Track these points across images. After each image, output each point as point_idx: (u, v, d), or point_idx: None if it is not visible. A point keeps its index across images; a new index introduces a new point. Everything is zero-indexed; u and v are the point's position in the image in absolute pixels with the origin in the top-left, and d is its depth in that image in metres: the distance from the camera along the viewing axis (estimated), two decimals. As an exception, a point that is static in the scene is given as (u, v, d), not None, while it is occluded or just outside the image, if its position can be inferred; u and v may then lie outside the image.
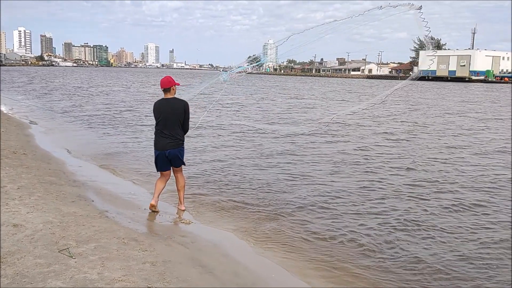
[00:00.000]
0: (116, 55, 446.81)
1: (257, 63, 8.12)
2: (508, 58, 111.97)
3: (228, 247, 5.45)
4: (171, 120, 6.11)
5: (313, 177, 9.11)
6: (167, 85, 6.16)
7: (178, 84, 6.35)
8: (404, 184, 8.73)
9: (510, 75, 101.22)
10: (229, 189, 8.08)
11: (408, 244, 5.80)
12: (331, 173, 9.57)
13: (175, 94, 6.28)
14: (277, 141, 13.50)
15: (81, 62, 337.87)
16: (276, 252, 5.45)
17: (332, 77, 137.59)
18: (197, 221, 6.32)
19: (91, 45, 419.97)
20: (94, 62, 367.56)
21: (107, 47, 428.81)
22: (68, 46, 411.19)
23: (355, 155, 11.65)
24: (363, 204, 7.40)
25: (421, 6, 6.11)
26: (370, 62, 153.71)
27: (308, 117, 21.21)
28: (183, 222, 6.24)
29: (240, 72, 7.38)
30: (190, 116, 6.38)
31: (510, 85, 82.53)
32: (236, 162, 10.40)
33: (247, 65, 7.65)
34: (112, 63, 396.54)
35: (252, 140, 13.67)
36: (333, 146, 13.00)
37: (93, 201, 6.55)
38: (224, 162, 10.29)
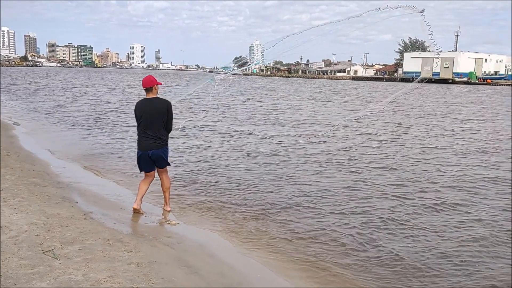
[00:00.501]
0: (101, 56, 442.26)
1: (247, 66, 8.15)
2: (490, 60, 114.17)
3: (214, 248, 5.48)
4: (154, 120, 6.05)
5: (299, 178, 9.19)
6: (149, 84, 6.09)
7: (161, 84, 6.29)
8: (388, 184, 8.86)
9: (492, 76, 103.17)
10: (215, 189, 8.10)
11: (390, 242, 5.90)
12: (316, 173, 9.66)
13: (157, 93, 6.22)
14: (263, 142, 13.55)
15: (65, 62, 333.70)
16: (261, 253, 5.49)
17: (318, 78, 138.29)
18: (183, 222, 6.34)
19: (76, 45, 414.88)
20: (78, 62, 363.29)
21: (92, 47, 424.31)
22: (52, 46, 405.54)
23: (340, 156, 11.77)
24: (347, 204, 7.50)
25: (424, 9, 6.15)
26: (356, 64, 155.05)
27: (294, 118, 21.32)
28: (169, 223, 6.25)
29: (227, 74, 7.42)
30: (176, 117, 6.36)
31: (492, 86, 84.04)
32: (222, 162, 10.43)
33: (236, 68, 7.69)
34: (97, 63, 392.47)
35: (238, 141, 13.71)
36: (319, 146, 13.11)
37: (77, 202, 6.52)
38: (210, 163, 10.31)
